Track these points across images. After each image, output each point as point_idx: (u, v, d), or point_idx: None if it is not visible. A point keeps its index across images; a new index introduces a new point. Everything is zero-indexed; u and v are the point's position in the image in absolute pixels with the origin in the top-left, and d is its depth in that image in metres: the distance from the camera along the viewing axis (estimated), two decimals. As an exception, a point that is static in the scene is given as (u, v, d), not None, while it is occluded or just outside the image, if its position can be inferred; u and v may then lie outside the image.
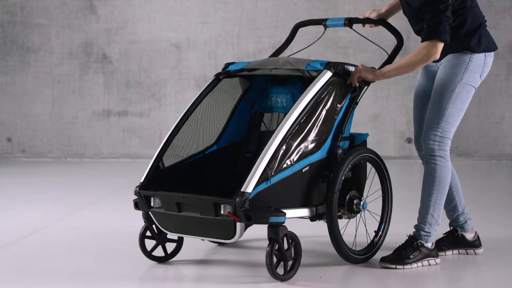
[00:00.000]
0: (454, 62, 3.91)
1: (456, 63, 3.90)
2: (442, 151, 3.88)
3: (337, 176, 3.75)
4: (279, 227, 3.50)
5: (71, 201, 5.87)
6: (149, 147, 8.67)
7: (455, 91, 3.88)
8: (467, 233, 4.15)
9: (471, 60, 3.89)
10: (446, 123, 3.88)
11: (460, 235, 4.14)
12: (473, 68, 3.90)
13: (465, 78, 3.89)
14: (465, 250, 4.16)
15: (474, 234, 4.17)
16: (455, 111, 3.89)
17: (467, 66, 3.89)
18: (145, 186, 3.77)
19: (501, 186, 7.06)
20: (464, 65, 3.89)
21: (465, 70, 3.89)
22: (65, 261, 3.99)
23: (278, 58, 4.02)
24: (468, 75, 3.89)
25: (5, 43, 8.80)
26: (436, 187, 3.89)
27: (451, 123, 3.89)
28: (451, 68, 3.91)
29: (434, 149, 3.87)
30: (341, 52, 8.48)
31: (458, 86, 3.88)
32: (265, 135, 4.07)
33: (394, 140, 8.64)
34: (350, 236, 4.00)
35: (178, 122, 3.94)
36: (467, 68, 3.89)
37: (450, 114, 3.88)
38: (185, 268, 3.88)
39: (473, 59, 3.90)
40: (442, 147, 3.88)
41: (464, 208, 4.16)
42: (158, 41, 8.71)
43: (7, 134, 8.86)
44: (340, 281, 3.69)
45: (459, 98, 3.89)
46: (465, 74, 3.89)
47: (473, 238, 4.16)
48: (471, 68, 3.89)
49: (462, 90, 3.89)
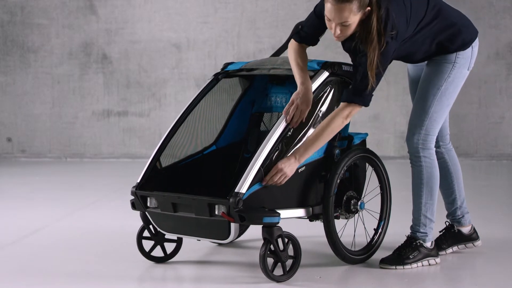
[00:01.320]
0: (441, 61, 3.83)
1: (443, 62, 3.83)
2: (426, 150, 3.84)
3: (333, 177, 3.74)
4: (274, 228, 3.49)
5: (71, 201, 5.87)
6: (149, 147, 8.67)
7: (441, 88, 3.82)
8: (463, 227, 4.14)
9: (457, 57, 3.83)
10: (431, 121, 3.82)
11: (456, 230, 4.13)
12: (461, 64, 3.83)
13: (452, 75, 3.82)
14: (464, 244, 4.16)
15: (470, 227, 4.16)
16: (440, 108, 3.83)
17: (454, 64, 3.82)
18: (141, 186, 3.77)
19: (501, 186, 7.05)
20: (451, 64, 3.82)
21: (453, 67, 3.82)
22: (65, 261, 3.99)
23: (276, 58, 4.02)
24: (456, 72, 3.83)
25: (5, 43, 8.80)
26: (425, 188, 3.86)
27: (436, 121, 3.83)
28: (437, 65, 3.83)
29: (418, 150, 3.83)
30: (341, 52, 8.44)
31: (445, 83, 3.82)
32: (265, 135, 4.06)
33: (394, 140, 8.64)
34: (349, 236, 4.00)
35: (175, 122, 3.95)
36: (455, 66, 3.82)
37: (434, 111, 3.82)
38: (184, 268, 3.88)
39: (460, 56, 3.83)
40: (426, 146, 3.84)
41: (463, 202, 4.14)
42: (158, 41, 8.71)
43: (7, 134, 8.86)
44: (340, 281, 3.69)
45: (445, 95, 3.82)
46: (452, 71, 3.82)
47: (469, 231, 4.15)
48: (458, 65, 3.82)
49: (449, 87, 3.82)
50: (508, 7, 8.54)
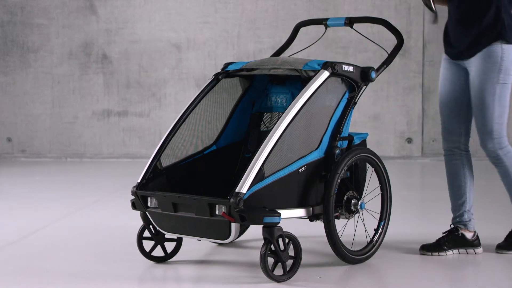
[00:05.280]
0: (486, 65, 3.96)
1: (488, 65, 3.95)
2: (503, 149, 4.06)
3: (333, 177, 3.75)
4: (274, 228, 3.49)
5: (71, 201, 5.87)
6: (149, 147, 8.67)
7: (496, 93, 3.97)
8: (467, 232, 4.16)
9: (502, 59, 3.94)
10: (498, 125, 4.01)
11: (460, 234, 4.15)
12: (506, 65, 3.95)
13: (501, 78, 3.96)
14: (465, 250, 4.16)
15: (473, 234, 4.18)
16: (501, 110, 4.00)
17: (499, 66, 3.94)
18: (142, 186, 3.77)
19: (501, 186, 7.02)
20: (496, 66, 3.94)
21: (499, 70, 3.95)
22: (65, 261, 3.99)
23: (276, 58, 4.02)
24: (503, 75, 3.96)
25: (5, 43, 8.80)
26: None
27: (501, 123, 4.02)
28: (484, 73, 3.97)
29: (497, 153, 4.06)
30: (341, 52, 8.48)
31: (497, 88, 3.97)
32: (265, 135, 4.06)
33: (394, 140, 8.64)
34: (349, 236, 4.00)
35: (176, 122, 3.95)
36: (500, 69, 3.95)
37: (498, 116, 4.00)
38: (184, 268, 3.88)
39: (504, 57, 3.94)
40: (502, 146, 4.05)
41: (472, 207, 4.22)
42: (158, 41, 8.71)
43: (7, 134, 8.86)
44: (340, 281, 3.69)
45: (501, 98, 3.98)
46: (499, 74, 3.95)
47: (472, 237, 4.17)
48: (504, 66, 3.94)
49: (502, 90, 3.97)
50: (508, 7, 8.54)
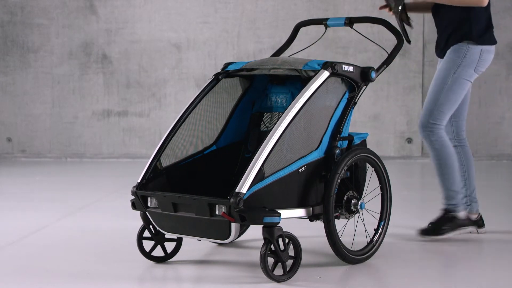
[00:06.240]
0: (450, 57, 4.32)
1: (452, 58, 4.31)
2: (435, 135, 4.29)
3: (333, 177, 3.75)
4: (274, 228, 3.49)
5: (71, 201, 5.88)
6: (149, 147, 8.67)
7: (448, 83, 4.29)
8: (471, 214, 4.47)
9: (465, 56, 4.27)
10: (438, 112, 4.29)
11: (451, 216, 4.40)
12: (467, 63, 4.30)
13: (458, 72, 4.30)
14: (466, 228, 4.46)
15: (477, 215, 4.49)
16: (447, 101, 4.28)
17: (461, 61, 4.30)
18: (142, 186, 3.77)
19: (501, 186, 7.06)
20: (458, 60, 4.30)
21: (459, 65, 4.29)
22: (65, 261, 3.99)
23: (276, 58, 4.01)
24: (461, 70, 4.30)
25: (5, 43, 8.80)
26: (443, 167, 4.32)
27: (443, 112, 4.29)
28: (447, 62, 4.33)
29: (429, 135, 4.29)
30: (341, 52, 8.48)
31: (450, 78, 4.30)
32: (265, 135, 4.06)
33: (394, 140, 8.64)
34: (349, 236, 4.00)
35: (176, 122, 3.94)
36: (460, 64, 4.29)
37: (442, 103, 4.29)
38: (184, 268, 3.88)
39: (467, 55, 4.27)
40: (435, 132, 4.29)
41: (473, 192, 4.50)
42: (158, 41, 8.71)
43: (7, 134, 8.86)
44: (340, 281, 3.69)
45: (451, 90, 4.29)
46: (458, 68, 4.29)
47: (476, 218, 4.48)
48: (464, 63, 4.30)
49: (454, 83, 4.29)
50: (508, 7, 8.55)
